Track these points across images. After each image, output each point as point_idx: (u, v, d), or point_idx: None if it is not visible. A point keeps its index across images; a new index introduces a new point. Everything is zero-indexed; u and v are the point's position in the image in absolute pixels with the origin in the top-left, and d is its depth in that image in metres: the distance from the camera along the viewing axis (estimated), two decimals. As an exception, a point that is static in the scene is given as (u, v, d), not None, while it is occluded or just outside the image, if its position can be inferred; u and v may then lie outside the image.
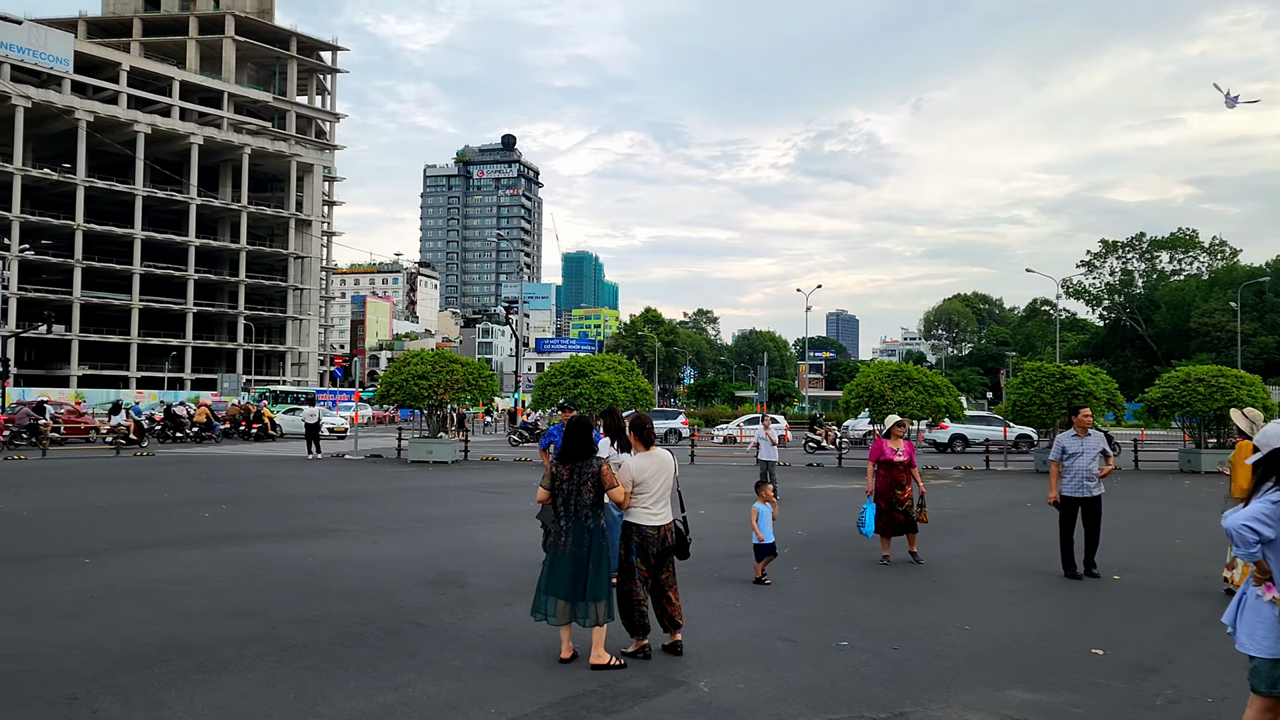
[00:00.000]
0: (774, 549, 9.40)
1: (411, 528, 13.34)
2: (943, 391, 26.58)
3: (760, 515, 9.35)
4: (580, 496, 6.37)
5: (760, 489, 9.58)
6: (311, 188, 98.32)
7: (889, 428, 10.68)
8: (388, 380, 27.04)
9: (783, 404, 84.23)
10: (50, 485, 18.62)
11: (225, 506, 15.36)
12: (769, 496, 9.56)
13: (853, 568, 10.41)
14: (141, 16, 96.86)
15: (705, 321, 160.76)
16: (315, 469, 24.01)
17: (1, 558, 10.29)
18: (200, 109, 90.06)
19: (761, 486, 9.59)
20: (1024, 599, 8.91)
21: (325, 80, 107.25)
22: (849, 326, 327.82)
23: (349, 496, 17.55)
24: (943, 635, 7.37)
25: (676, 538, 6.81)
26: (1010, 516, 15.91)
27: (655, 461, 6.68)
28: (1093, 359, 79.74)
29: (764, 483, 9.69)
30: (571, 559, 6.29)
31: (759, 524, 9.31)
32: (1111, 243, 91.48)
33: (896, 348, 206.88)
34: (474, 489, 19.46)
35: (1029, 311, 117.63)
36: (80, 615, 7.62)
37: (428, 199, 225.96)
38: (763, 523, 9.31)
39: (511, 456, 29.86)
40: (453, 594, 8.72)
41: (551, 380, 27.52)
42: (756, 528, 9.30)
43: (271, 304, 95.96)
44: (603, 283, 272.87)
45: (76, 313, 79.53)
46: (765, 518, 9.35)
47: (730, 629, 7.48)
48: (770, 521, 9.37)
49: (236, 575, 9.43)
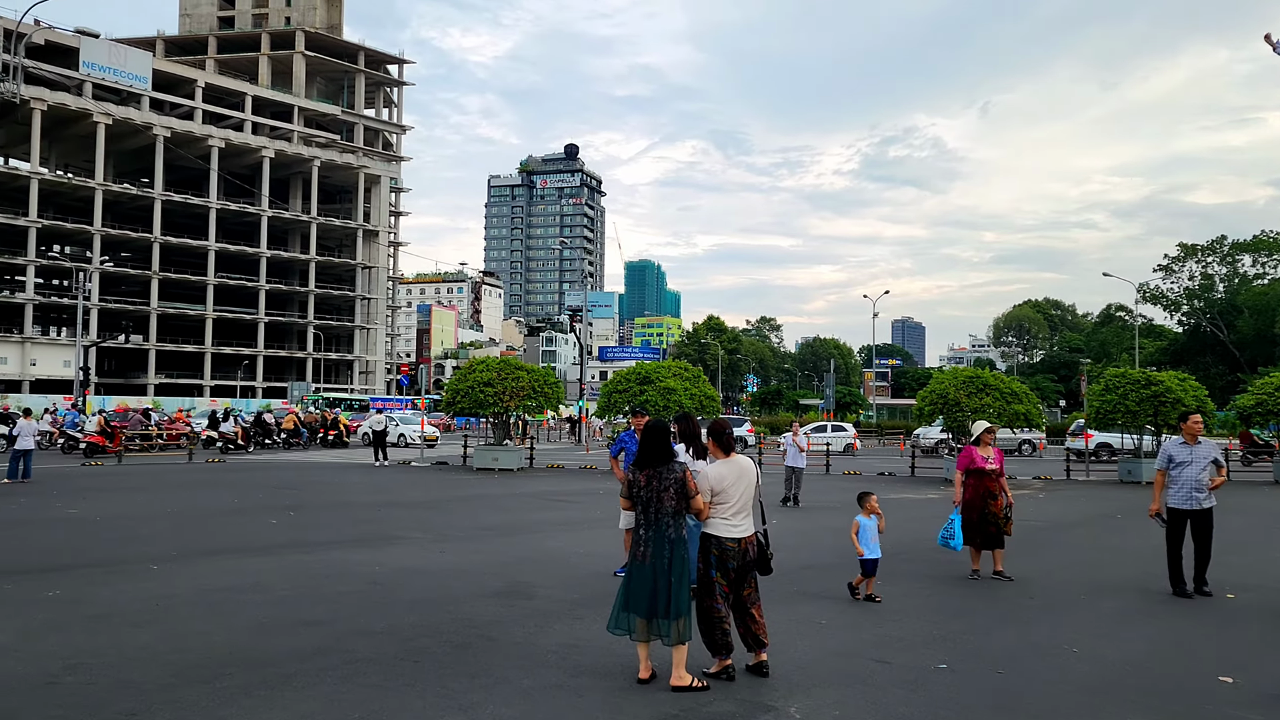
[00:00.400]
0: (877, 565, 8.75)
1: (478, 536, 13.08)
2: (1021, 398, 25.64)
3: (862, 529, 8.70)
4: (660, 504, 5.98)
5: (864, 500, 8.95)
6: (379, 199, 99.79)
7: (978, 434, 10.07)
8: (453, 387, 26.99)
9: (848, 412, 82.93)
10: (125, 491, 18.83)
11: (293, 513, 15.30)
12: (874, 508, 8.85)
13: (941, 583, 9.83)
14: (216, 34, 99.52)
15: (768, 329, 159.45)
16: (382, 476, 24.01)
17: (76, 563, 10.25)
18: (271, 123, 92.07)
19: (866, 498, 8.96)
20: (1132, 619, 8.26)
21: (392, 93, 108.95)
22: (915, 333, 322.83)
23: (415, 504, 17.40)
24: (1050, 658, 6.81)
25: (758, 551, 6.36)
26: (1102, 529, 15.11)
27: (736, 469, 6.26)
28: (1170, 366, 77.00)
29: (868, 493, 9.04)
30: (651, 571, 5.90)
31: (860, 538, 8.68)
32: (1190, 246, 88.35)
33: (964, 355, 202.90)
34: (540, 497, 19.20)
35: (1103, 317, 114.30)
36: (145, 624, 7.44)
37: (492, 209, 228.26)
38: (865, 537, 8.69)
39: (577, 464, 29.61)
40: (521, 606, 8.38)
41: (617, 387, 27.23)
42: (856, 541, 8.68)
43: (340, 313, 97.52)
44: (665, 291, 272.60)
45: (154, 323, 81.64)
46: (868, 531, 8.72)
47: (818, 648, 7.01)
48: (876, 535, 8.74)
49: (302, 583, 9.22)
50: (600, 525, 14.23)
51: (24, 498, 16.98)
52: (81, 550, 11.18)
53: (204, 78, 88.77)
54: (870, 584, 8.76)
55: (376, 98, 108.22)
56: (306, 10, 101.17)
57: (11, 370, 73.21)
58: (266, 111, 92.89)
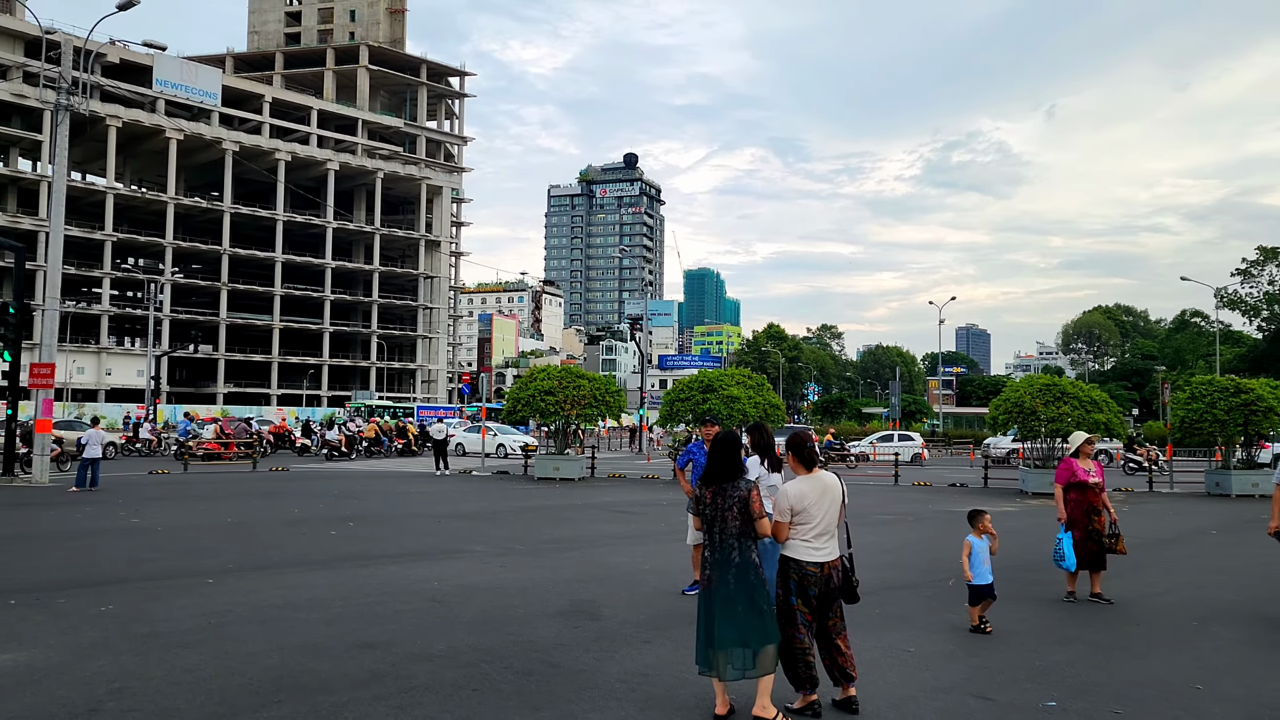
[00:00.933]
0: (992, 590, 7.92)
1: (540, 549, 12.66)
2: (1101, 407, 24.51)
3: (974, 551, 7.90)
4: (724, 524, 5.46)
5: (977, 519, 8.09)
6: (440, 209, 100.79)
7: (1078, 445, 9.34)
8: (515, 396, 26.72)
9: (913, 420, 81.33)
10: (188, 500, 18.82)
11: (353, 524, 15.06)
12: (986, 528, 8.00)
13: (1035, 606, 9.14)
14: (283, 50, 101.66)
15: (829, 337, 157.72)
16: (443, 485, 23.80)
17: (132, 576, 10.06)
18: (336, 136, 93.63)
19: (978, 516, 8.11)
20: (1258, 651, 7.50)
21: (453, 105, 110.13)
22: (979, 341, 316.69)
23: (476, 515, 17.07)
24: (1171, 696, 6.13)
25: (842, 577, 5.77)
26: (1200, 546, 14.16)
27: (818, 486, 5.69)
28: (1250, 373, 74.03)
29: (981, 511, 8.19)
30: (721, 597, 5.38)
31: (971, 561, 7.87)
32: (1270, 249, 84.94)
33: (1031, 362, 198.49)
34: (602, 508, 18.76)
35: (1177, 323, 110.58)
36: (194, 644, 7.12)
37: (551, 218, 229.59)
38: (976, 560, 7.87)
39: (638, 473, 29.15)
40: (587, 627, 7.92)
41: (679, 396, 26.70)
42: (967, 565, 7.88)
43: (403, 323, 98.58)
44: (724, 299, 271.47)
45: (223, 333, 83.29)
46: (980, 554, 7.90)
47: (910, 682, 6.42)
48: (988, 558, 7.95)
49: (358, 600, 8.87)
50: (666, 539, 13.73)
51: (89, 506, 17.03)
52: (139, 562, 11.01)
53: (271, 93, 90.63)
54: (975, 613, 7.92)
55: (438, 110, 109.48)
56: (370, 25, 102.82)
57: (88, 380, 75.21)
58: (331, 125, 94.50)
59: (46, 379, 22.41)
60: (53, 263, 23.34)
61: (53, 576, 9.97)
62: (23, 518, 15.73)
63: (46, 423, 22.58)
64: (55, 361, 23.10)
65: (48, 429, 22.62)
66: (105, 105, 75.08)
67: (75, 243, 74.45)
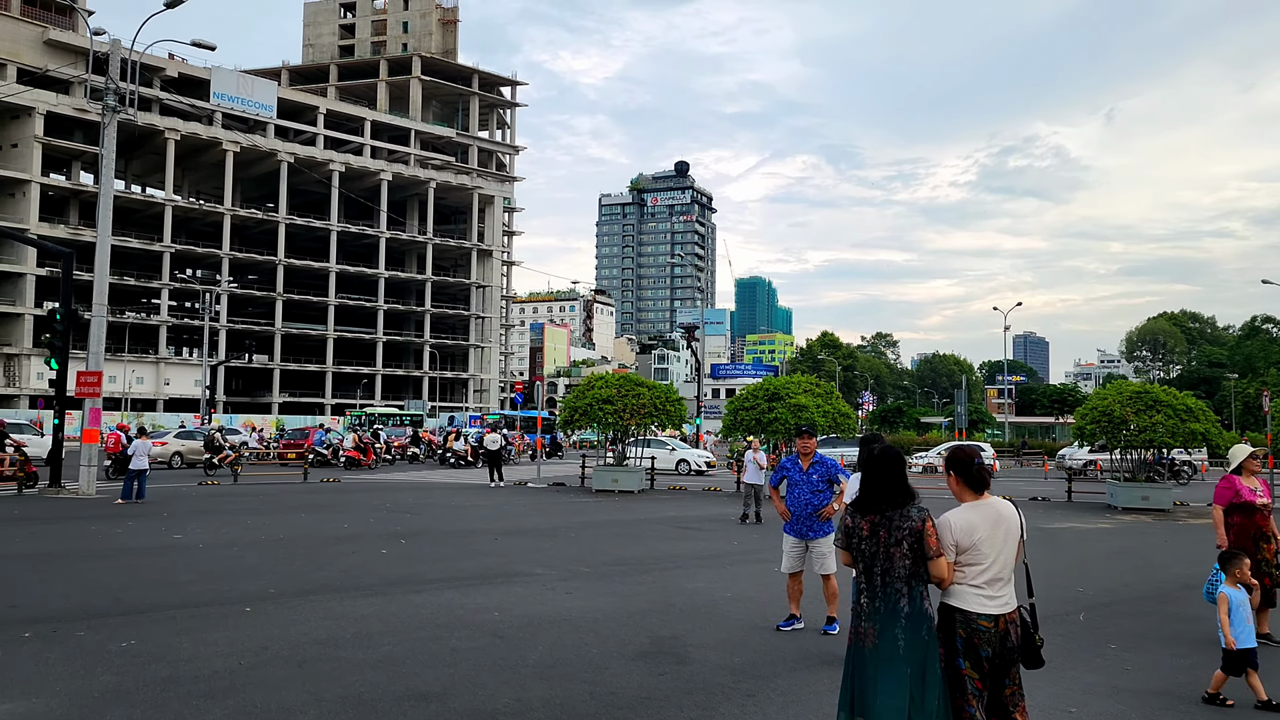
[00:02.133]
0: (1255, 658, 6.19)
1: (608, 573, 11.54)
2: (1197, 416, 22.92)
3: (1233, 606, 6.20)
4: (891, 563, 4.27)
5: (1232, 564, 6.37)
6: (492, 219, 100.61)
7: (1241, 460, 7.96)
8: (571, 404, 25.70)
9: (975, 430, 78.98)
10: (235, 514, 18.02)
11: (404, 541, 14.08)
12: (1245, 575, 6.36)
13: (1191, 649, 7.79)
14: (337, 63, 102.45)
15: (884, 345, 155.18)
16: (498, 498, 22.83)
17: (163, 603, 9.11)
18: (389, 146, 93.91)
19: (1234, 561, 6.40)
20: None
21: (505, 115, 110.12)
22: (1037, 349, 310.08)
23: (536, 532, 16.01)
24: None
25: (1021, 633, 4.46)
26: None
27: (990, 516, 4.39)
28: (1321, 380, 70.67)
29: (1236, 553, 6.57)
30: (886, 656, 4.20)
31: (1232, 619, 6.16)
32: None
33: (1093, 370, 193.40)
34: (667, 524, 17.61)
35: (1247, 330, 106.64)
36: (219, 693, 6.09)
37: (603, 227, 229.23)
38: (1238, 617, 6.17)
39: (700, 485, 27.94)
40: (673, 673, 6.78)
41: (743, 405, 25.50)
42: (1227, 626, 6.16)
43: (455, 332, 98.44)
44: (776, 308, 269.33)
45: (278, 343, 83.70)
46: (1240, 610, 6.21)
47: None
48: (1250, 614, 6.29)
49: (411, 635, 7.81)
50: (742, 561, 12.55)
51: (132, 521, 16.28)
52: (173, 586, 10.08)
53: (325, 104, 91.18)
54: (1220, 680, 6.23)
55: (490, 120, 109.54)
56: (423, 36, 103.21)
57: (147, 389, 75.91)
58: (384, 135, 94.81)
59: (94, 387, 21.85)
60: (100, 269, 22.83)
61: (79, 602, 9.08)
62: (62, 533, 14.99)
63: (94, 432, 22.01)
64: (102, 370, 22.56)
65: (94, 439, 22.03)
66: (164, 119, 75.91)
67: (135, 254, 75.37)
